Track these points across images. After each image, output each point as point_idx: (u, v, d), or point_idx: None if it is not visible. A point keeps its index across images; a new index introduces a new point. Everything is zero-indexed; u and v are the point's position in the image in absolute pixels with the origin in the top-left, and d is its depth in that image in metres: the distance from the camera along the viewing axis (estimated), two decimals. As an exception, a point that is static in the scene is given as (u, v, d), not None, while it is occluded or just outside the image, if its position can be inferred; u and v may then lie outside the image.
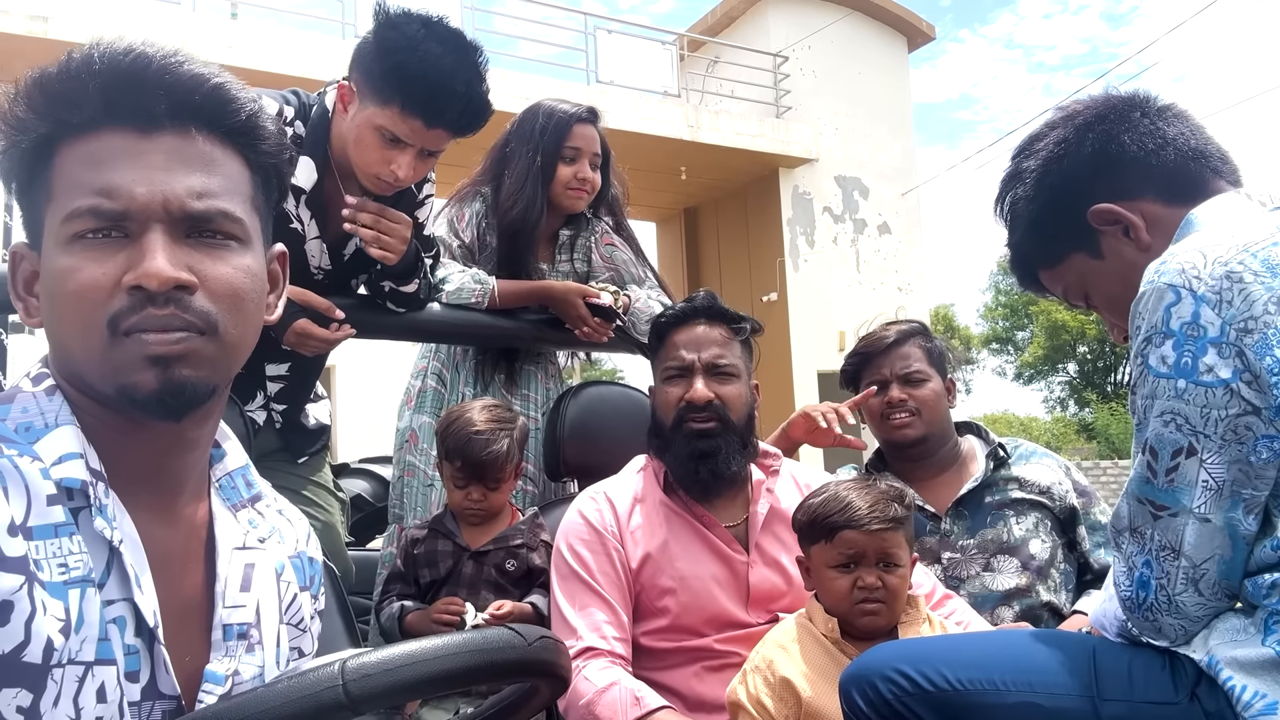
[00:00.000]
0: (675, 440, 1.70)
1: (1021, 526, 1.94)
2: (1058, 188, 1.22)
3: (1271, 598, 0.95)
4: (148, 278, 0.77)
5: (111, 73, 0.79)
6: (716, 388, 1.70)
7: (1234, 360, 0.95)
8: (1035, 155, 1.24)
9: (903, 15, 14.17)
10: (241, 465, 0.96)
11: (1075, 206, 1.20)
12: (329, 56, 9.18)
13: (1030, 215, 1.25)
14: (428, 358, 2.35)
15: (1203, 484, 0.98)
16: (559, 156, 2.25)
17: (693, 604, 1.60)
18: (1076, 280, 1.26)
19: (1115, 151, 1.19)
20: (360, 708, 0.63)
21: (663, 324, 1.80)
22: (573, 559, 1.67)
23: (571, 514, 1.75)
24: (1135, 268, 1.15)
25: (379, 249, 1.80)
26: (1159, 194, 1.17)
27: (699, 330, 1.74)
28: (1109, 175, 1.19)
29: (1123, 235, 1.18)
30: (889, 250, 13.56)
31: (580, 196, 2.27)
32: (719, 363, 1.72)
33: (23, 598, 0.68)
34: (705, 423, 1.68)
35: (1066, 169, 1.21)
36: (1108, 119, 1.20)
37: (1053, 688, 1.05)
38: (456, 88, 1.66)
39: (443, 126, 1.70)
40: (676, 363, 1.73)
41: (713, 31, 14.08)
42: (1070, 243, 1.23)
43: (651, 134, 11.25)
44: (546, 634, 0.74)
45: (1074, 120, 1.23)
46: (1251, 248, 0.98)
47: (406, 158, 1.71)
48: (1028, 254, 1.30)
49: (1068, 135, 1.22)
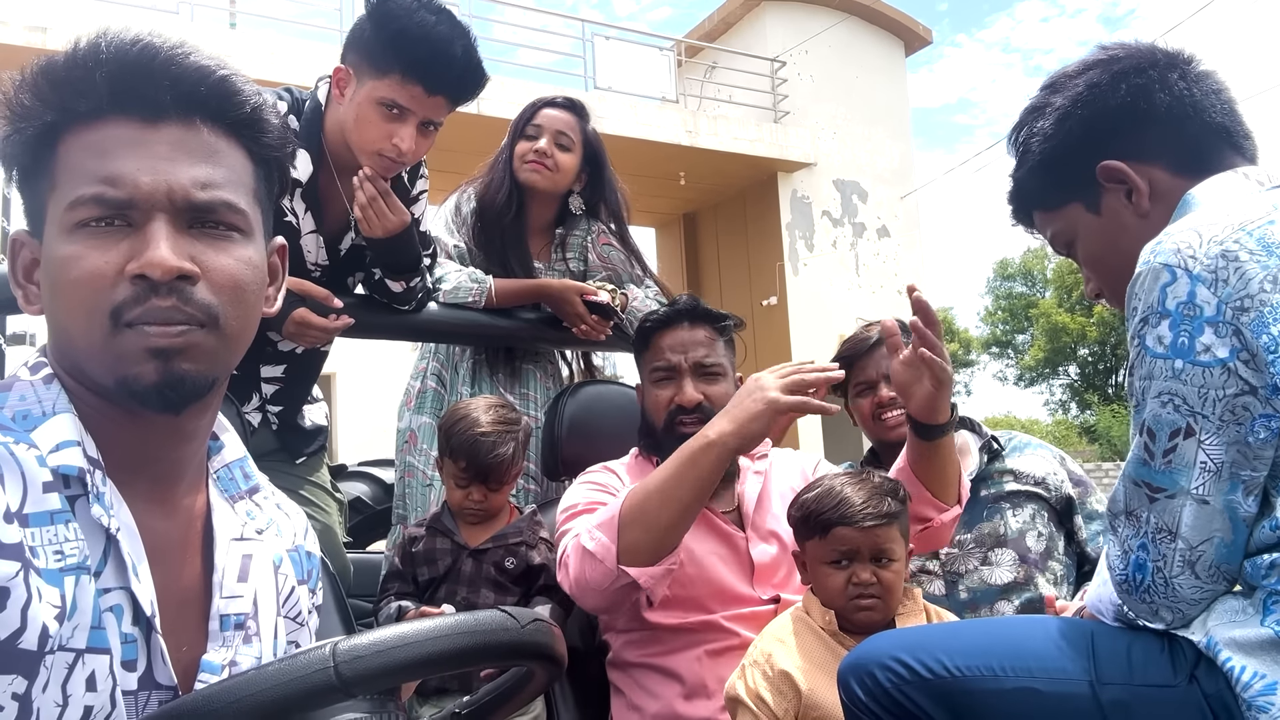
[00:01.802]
0: (667, 442, 1.71)
1: (1018, 519, 1.94)
2: (1076, 132, 1.19)
3: (1270, 578, 0.95)
4: (151, 266, 0.77)
5: (118, 62, 0.80)
6: (704, 388, 1.73)
7: (1231, 339, 0.95)
8: (1063, 92, 1.21)
9: (900, 19, 14.20)
10: (239, 457, 0.96)
11: (1088, 156, 1.17)
12: (327, 65, 9.20)
13: (1042, 154, 1.23)
14: (427, 358, 2.35)
15: (1200, 465, 0.97)
16: (521, 135, 2.28)
17: (699, 576, 1.62)
18: (1067, 229, 1.25)
19: (1143, 109, 1.16)
20: (352, 689, 0.62)
21: (648, 328, 1.82)
22: (578, 499, 1.69)
23: (580, 478, 1.77)
24: (1126, 232, 1.15)
25: (362, 217, 1.81)
26: (1172, 162, 1.15)
27: (683, 332, 1.77)
28: (1130, 132, 1.16)
29: (1125, 197, 1.17)
30: (888, 254, 13.56)
31: (536, 169, 2.25)
32: (705, 363, 1.75)
33: (18, 584, 0.68)
34: (695, 425, 1.69)
35: (1090, 115, 1.18)
36: (1147, 73, 1.16)
37: (1051, 673, 1.05)
38: (454, 51, 1.70)
39: (442, 92, 1.73)
40: (663, 364, 1.76)
41: (710, 37, 14.10)
42: (1073, 191, 1.21)
43: (650, 139, 11.27)
44: (539, 616, 0.74)
45: (1112, 66, 1.19)
46: (1247, 226, 0.98)
47: (408, 129, 1.73)
48: (1029, 192, 1.28)
49: (1101, 80, 1.18)
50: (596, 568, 1.50)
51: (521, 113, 2.32)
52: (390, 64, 1.68)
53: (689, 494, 1.49)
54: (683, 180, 12.29)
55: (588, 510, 1.63)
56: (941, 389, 1.52)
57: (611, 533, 1.49)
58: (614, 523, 1.50)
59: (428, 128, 1.77)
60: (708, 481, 1.50)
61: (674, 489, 1.48)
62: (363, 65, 1.72)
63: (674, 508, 1.49)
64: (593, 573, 1.50)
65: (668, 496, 1.48)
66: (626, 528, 1.49)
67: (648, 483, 1.52)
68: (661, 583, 1.54)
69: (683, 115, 11.99)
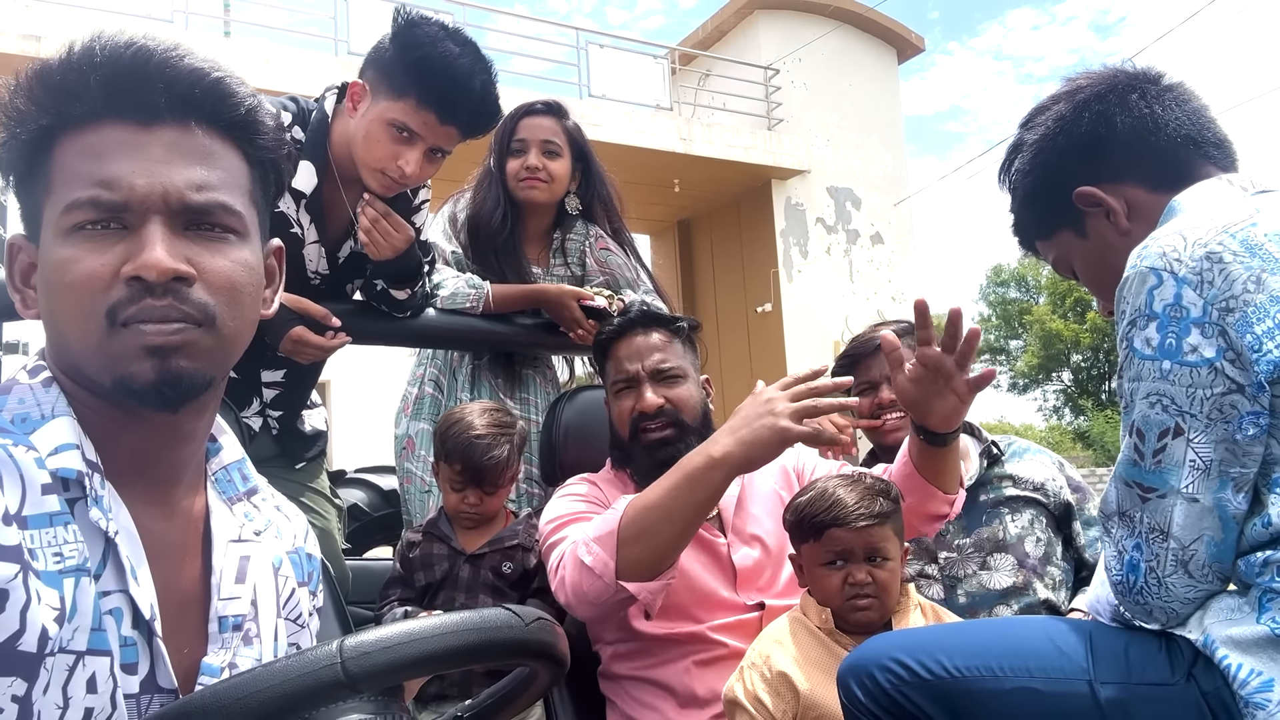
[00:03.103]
0: (635, 451, 1.72)
1: (1017, 524, 1.94)
2: (1050, 165, 1.24)
3: (1264, 575, 0.96)
4: (146, 268, 0.77)
5: (112, 65, 0.80)
6: (665, 392, 1.72)
7: (1217, 339, 0.97)
8: (1035, 129, 1.27)
9: (892, 27, 14.26)
10: (238, 459, 0.96)
11: (1065, 186, 1.22)
12: (322, 74, 9.21)
13: (1025, 189, 1.28)
14: (425, 365, 2.35)
15: (1190, 464, 0.98)
16: (508, 152, 2.28)
17: (682, 584, 1.60)
18: (1064, 254, 1.29)
19: (1105, 134, 1.20)
20: (359, 686, 0.63)
21: (603, 340, 1.82)
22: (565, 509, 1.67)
23: (561, 491, 1.76)
24: (1115, 251, 1.18)
25: (369, 241, 1.83)
26: (1145, 179, 1.19)
27: (637, 340, 1.77)
28: (1098, 158, 1.21)
29: (1105, 218, 1.21)
30: (882, 260, 13.60)
31: (533, 185, 2.26)
32: (662, 367, 1.74)
33: (18, 586, 0.68)
34: (661, 430, 1.70)
35: (1061, 147, 1.23)
36: (1106, 99, 1.21)
37: (1050, 672, 1.05)
38: (473, 85, 1.71)
39: (455, 124, 1.74)
40: (622, 376, 1.76)
41: (704, 45, 14.15)
42: (1060, 220, 1.26)
43: (644, 147, 11.30)
44: (544, 615, 0.74)
45: (1075, 96, 1.24)
46: (1231, 229, 1.00)
47: (415, 154, 1.74)
48: (1024, 225, 1.34)
49: (1066, 113, 1.24)
50: (595, 582, 1.48)
51: (501, 126, 2.31)
52: (407, 88, 1.69)
53: (691, 512, 1.46)
54: (677, 187, 12.32)
55: (577, 520, 1.62)
56: (968, 397, 1.48)
57: (610, 547, 1.47)
58: (612, 538, 1.47)
59: (435, 154, 1.78)
60: (710, 500, 1.47)
61: (676, 507, 1.45)
62: (380, 84, 1.73)
63: (675, 525, 1.46)
64: (590, 587, 1.48)
65: (669, 513, 1.45)
66: (626, 544, 1.46)
67: (648, 498, 1.49)
68: (659, 596, 1.53)
69: (677, 123, 12.02)
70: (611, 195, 2.42)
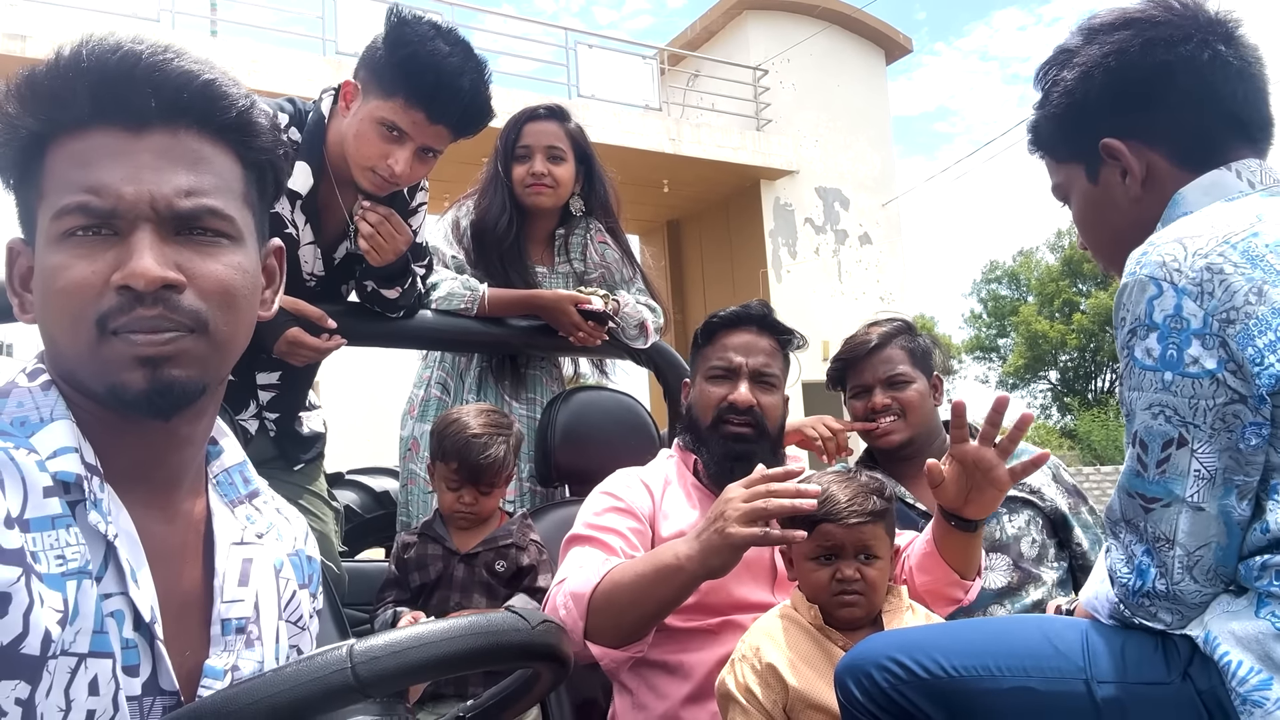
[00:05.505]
0: (712, 439, 1.72)
1: (1013, 524, 1.95)
2: (1090, 99, 1.18)
3: (1263, 579, 0.96)
4: (134, 277, 0.77)
5: (99, 71, 0.79)
6: (759, 395, 1.73)
7: (1218, 351, 0.97)
8: (1093, 46, 1.18)
9: (880, 28, 14.33)
10: (238, 462, 0.96)
11: (1096, 127, 1.17)
12: (309, 74, 9.20)
13: (1057, 106, 1.22)
14: (431, 367, 2.36)
15: (1195, 473, 0.99)
16: (513, 158, 2.29)
17: (720, 584, 1.59)
18: (1066, 184, 1.26)
19: (1159, 93, 1.14)
20: (369, 690, 0.63)
21: (715, 324, 1.81)
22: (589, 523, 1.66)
23: (603, 487, 1.74)
24: (1116, 209, 1.16)
25: (369, 246, 1.83)
26: (1175, 151, 1.14)
27: (750, 337, 1.77)
28: (1140, 112, 1.15)
29: (1120, 176, 1.17)
30: (870, 260, 13.66)
31: (539, 191, 2.28)
32: (764, 371, 1.75)
33: (20, 590, 0.68)
34: (743, 426, 1.71)
35: (1108, 83, 1.16)
36: (1176, 49, 1.12)
37: (1047, 671, 1.06)
38: (461, 84, 1.70)
39: (444, 123, 1.73)
40: (724, 363, 1.75)
41: (692, 46, 14.18)
42: (1077, 152, 1.22)
43: (633, 147, 11.31)
44: (549, 619, 0.74)
45: (1146, 31, 1.15)
46: (1231, 239, 0.99)
47: (405, 153, 1.73)
48: (1042, 136, 1.27)
49: (1130, 46, 1.15)
50: (569, 633, 1.46)
51: (505, 131, 2.32)
52: (396, 87, 1.69)
53: (654, 607, 1.45)
54: (666, 188, 12.34)
55: (587, 542, 1.61)
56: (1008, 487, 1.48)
57: (581, 609, 1.47)
58: (584, 601, 1.47)
59: (426, 154, 1.77)
60: (676, 598, 1.45)
61: (642, 595, 1.45)
62: (371, 83, 1.73)
63: (640, 611, 1.46)
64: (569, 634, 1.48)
65: (636, 599, 1.45)
66: (595, 612, 1.47)
67: (623, 576, 1.47)
68: (624, 666, 1.53)
69: (666, 123, 12.04)
70: (610, 196, 2.43)
